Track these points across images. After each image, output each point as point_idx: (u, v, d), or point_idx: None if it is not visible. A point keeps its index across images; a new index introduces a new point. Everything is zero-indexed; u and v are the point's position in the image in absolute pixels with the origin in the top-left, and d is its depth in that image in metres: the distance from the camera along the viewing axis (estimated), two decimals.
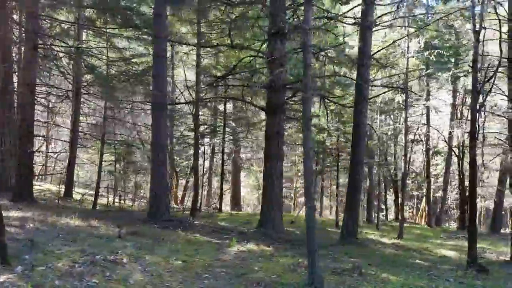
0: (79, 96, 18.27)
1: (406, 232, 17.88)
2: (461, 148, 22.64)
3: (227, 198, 32.79)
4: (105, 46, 14.02)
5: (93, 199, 19.62)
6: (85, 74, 16.81)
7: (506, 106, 10.57)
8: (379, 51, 11.73)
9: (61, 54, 16.50)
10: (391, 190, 27.73)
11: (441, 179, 26.82)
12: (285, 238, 9.91)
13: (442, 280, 7.67)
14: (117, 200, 21.65)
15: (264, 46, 11.73)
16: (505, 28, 10.98)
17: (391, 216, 28.81)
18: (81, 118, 19.47)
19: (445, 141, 22.96)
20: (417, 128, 27.34)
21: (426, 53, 13.39)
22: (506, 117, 10.38)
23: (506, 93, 11.01)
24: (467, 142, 20.97)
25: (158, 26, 11.21)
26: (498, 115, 13.07)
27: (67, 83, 18.39)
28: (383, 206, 28.18)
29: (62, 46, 16.24)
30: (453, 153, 22.85)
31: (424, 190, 28.26)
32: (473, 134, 8.84)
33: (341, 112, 15.01)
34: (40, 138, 26.59)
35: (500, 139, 13.27)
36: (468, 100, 18.99)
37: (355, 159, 10.90)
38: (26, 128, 13.89)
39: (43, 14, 14.46)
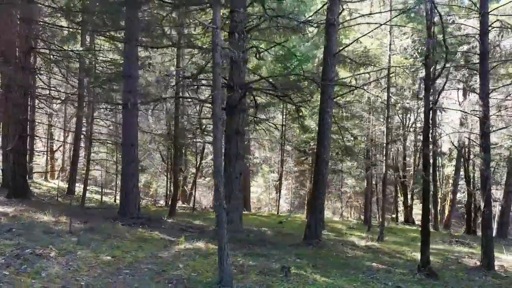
0: (82, 98, 18.87)
1: (402, 235, 17.39)
2: (467, 150, 21.77)
3: None
4: (90, 49, 14.40)
5: (97, 196, 20.34)
6: (86, 76, 17.30)
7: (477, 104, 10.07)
8: (343, 48, 11.42)
9: (60, 58, 17.14)
10: (402, 193, 26.87)
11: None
12: (239, 238, 9.87)
13: (380, 283, 7.44)
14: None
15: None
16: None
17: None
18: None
19: (452, 142, 22.07)
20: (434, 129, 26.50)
21: (410, 49, 12.96)
22: (478, 116, 9.86)
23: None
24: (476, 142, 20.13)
25: (129, 27, 11.48)
26: (467, 113, 12.47)
27: (69, 85, 19.22)
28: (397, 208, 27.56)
29: (60, 50, 16.89)
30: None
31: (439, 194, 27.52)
32: (426, 133, 8.52)
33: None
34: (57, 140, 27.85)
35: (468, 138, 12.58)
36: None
37: (319, 158, 10.72)
38: (20, 128, 14.62)
39: (45, 21, 15.01)
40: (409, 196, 26.56)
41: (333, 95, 11.11)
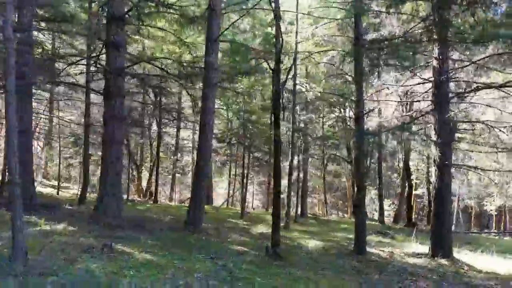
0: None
1: (329, 226, 17.39)
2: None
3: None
4: None
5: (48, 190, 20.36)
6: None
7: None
8: (222, 33, 11.38)
9: None
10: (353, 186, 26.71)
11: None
12: (110, 223, 9.82)
13: (212, 263, 7.49)
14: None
15: None
16: None
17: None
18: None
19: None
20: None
21: (311, 39, 12.97)
22: (351, 99, 9.85)
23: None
24: None
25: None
26: (340, 96, 12.42)
27: None
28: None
29: None
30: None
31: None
32: (276, 116, 8.54)
33: (244, 100, 14.77)
34: None
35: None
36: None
37: (200, 144, 10.74)
38: None
39: None
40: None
41: (217, 80, 11.10)
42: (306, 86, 14.27)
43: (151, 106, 19.78)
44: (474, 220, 35.90)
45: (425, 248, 11.78)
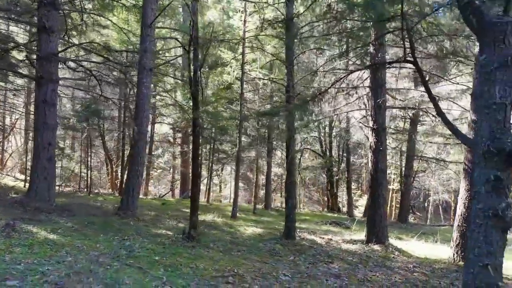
0: None
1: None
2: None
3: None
4: None
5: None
6: None
7: None
8: (156, 18, 11.31)
9: None
10: (328, 181, 26.75)
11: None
12: (38, 207, 9.82)
13: (117, 242, 7.52)
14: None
15: None
16: None
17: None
18: None
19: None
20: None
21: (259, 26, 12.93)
22: (282, 84, 9.83)
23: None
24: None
25: None
26: (275, 81, 12.36)
27: None
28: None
29: None
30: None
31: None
32: (194, 99, 8.53)
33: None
34: None
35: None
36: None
37: (134, 131, 10.71)
38: None
39: None
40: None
41: (151, 66, 11.07)
42: (258, 74, 14.20)
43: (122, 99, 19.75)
44: (453, 214, 35.79)
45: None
